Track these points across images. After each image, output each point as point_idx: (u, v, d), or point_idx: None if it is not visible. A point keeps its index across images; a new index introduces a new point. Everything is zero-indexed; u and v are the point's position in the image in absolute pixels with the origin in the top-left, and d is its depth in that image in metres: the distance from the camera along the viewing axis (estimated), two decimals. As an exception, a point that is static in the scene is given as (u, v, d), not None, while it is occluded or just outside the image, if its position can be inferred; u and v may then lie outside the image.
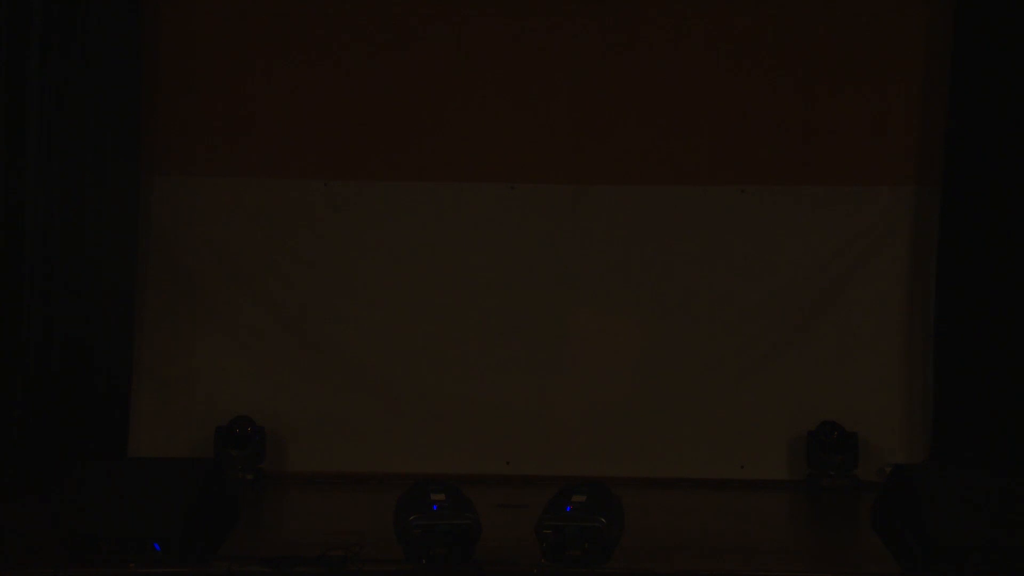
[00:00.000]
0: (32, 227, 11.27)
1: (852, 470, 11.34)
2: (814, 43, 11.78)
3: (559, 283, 11.88)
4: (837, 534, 9.68)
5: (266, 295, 11.84)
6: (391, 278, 11.90)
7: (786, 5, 11.82)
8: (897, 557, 7.57)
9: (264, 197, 11.90)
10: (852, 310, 11.69)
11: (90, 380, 11.30)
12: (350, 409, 11.80)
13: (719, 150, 11.84)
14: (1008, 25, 11.24)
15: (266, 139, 11.89)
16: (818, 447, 11.42)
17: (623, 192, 11.87)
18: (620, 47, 11.87)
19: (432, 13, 11.89)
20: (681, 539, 9.16)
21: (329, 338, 11.85)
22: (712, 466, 11.66)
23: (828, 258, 11.77)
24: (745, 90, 11.81)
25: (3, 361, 11.09)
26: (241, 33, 11.90)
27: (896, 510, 7.58)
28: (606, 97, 11.86)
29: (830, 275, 11.76)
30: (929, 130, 11.69)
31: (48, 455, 10.93)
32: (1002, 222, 11.24)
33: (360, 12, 11.92)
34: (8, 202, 11.24)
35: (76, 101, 11.40)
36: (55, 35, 11.33)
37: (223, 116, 11.89)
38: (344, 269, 11.89)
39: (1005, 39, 11.25)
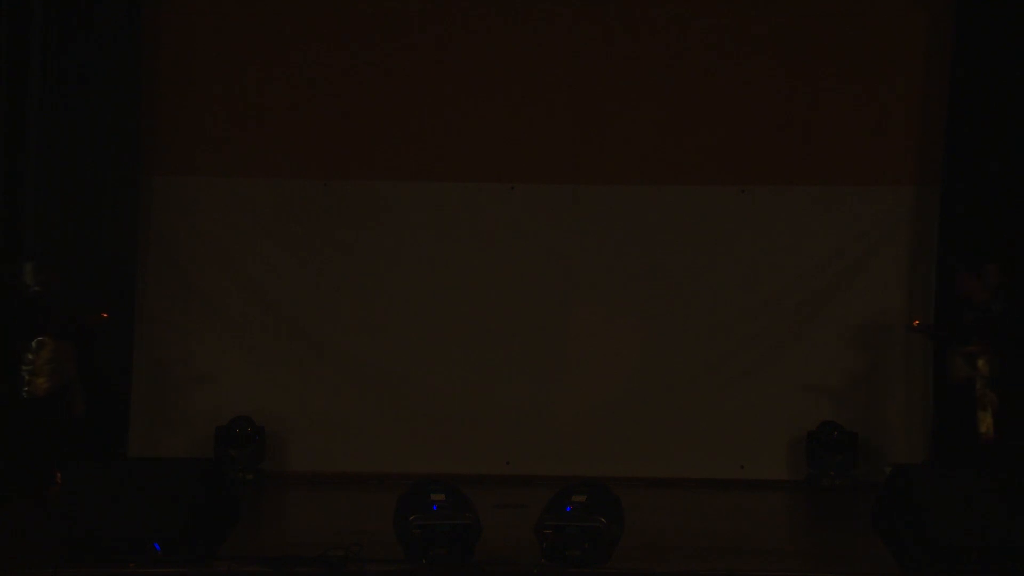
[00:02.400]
0: (32, 227, 11.28)
1: (852, 470, 11.34)
2: (815, 44, 11.80)
3: (559, 283, 11.89)
4: (837, 534, 9.67)
5: (266, 295, 11.85)
6: (391, 278, 11.91)
7: (787, 6, 11.84)
8: (897, 557, 7.57)
9: (264, 197, 11.91)
10: (852, 310, 11.70)
11: (90, 380, 11.28)
12: (350, 409, 11.81)
13: (719, 150, 11.85)
14: (1008, 26, 11.25)
15: (266, 139, 11.91)
16: (818, 447, 11.43)
17: (623, 192, 11.88)
18: (620, 48, 11.87)
19: (432, 14, 11.90)
20: (681, 539, 9.16)
21: (329, 338, 11.86)
22: (712, 466, 11.67)
23: (828, 258, 11.78)
24: (745, 90, 11.83)
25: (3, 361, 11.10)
26: (240, 34, 11.92)
27: (896, 510, 7.58)
28: (606, 97, 11.87)
29: (830, 275, 11.76)
30: (929, 130, 11.71)
31: (48, 456, 10.91)
32: (1002, 222, 11.25)
33: (360, 13, 11.93)
34: (8, 202, 11.25)
35: (76, 102, 11.41)
36: (55, 36, 11.35)
37: (223, 116, 11.91)
38: (344, 269, 11.90)
39: (1005, 40, 11.26)
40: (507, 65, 11.89)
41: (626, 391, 11.83)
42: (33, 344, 10.47)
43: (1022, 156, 11.27)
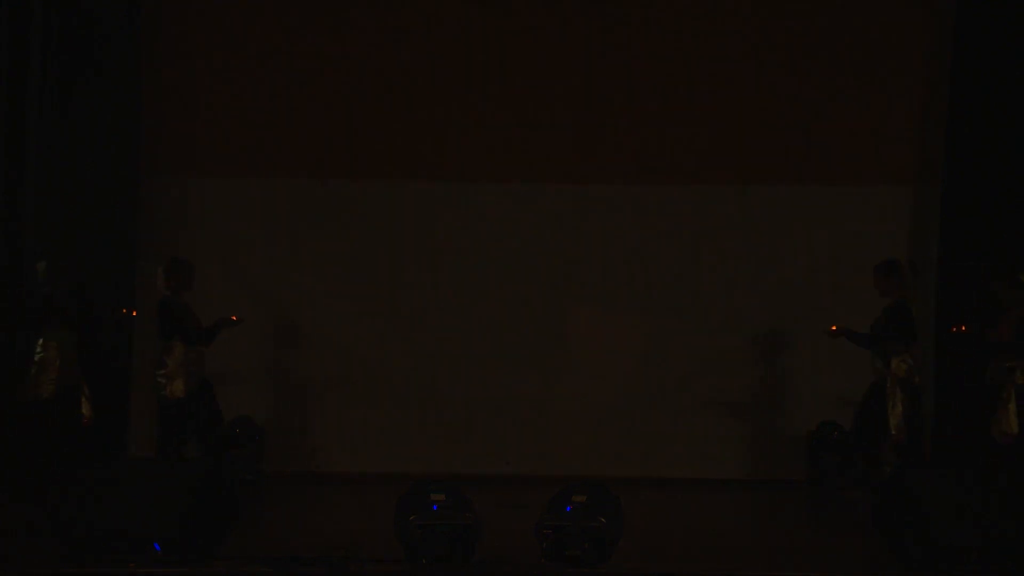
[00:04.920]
0: (32, 227, 11.29)
1: (852, 470, 11.33)
2: (815, 44, 11.81)
3: (559, 283, 11.90)
4: (837, 534, 9.67)
5: (266, 295, 11.85)
6: (390, 278, 11.91)
7: (788, 7, 11.84)
8: (898, 557, 7.57)
9: (264, 197, 11.92)
10: (852, 310, 11.68)
11: (90, 381, 11.28)
12: (350, 409, 11.81)
13: (720, 150, 11.86)
14: (1008, 26, 11.26)
15: (266, 139, 11.92)
16: (818, 447, 11.42)
17: (624, 192, 11.89)
18: (622, 47, 11.88)
19: (434, 15, 11.90)
20: (681, 539, 9.16)
21: (329, 338, 11.86)
22: (712, 466, 11.67)
23: (828, 258, 11.78)
24: (746, 90, 11.83)
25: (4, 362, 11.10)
26: (240, 34, 11.92)
27: (896, 510, 7.58)
28: (607, 97, 11.88)
29: (830, 274, 11.76)
30: (929, 130, 11.71)
31: (48, 456, 10.92)
32: (1002, 222, 11.25)
33: (361, 14, 11.93)
34: (8, 202, 11.26)
35: (76, 102, 11.42)
36: (55, 36, 11.36)
37: (223, 116, 11.91)
38: (343, 269, 11.91)
39: (1005, 40, 11.27)
40: (508, 65, 11.89)
41: (626, 391, 11.84)
42: (163, 348, 10.72)
43: (1022, 156, 11.27)
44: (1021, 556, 7.33)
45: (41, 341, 10.45)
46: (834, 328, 10.82)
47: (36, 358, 10.43)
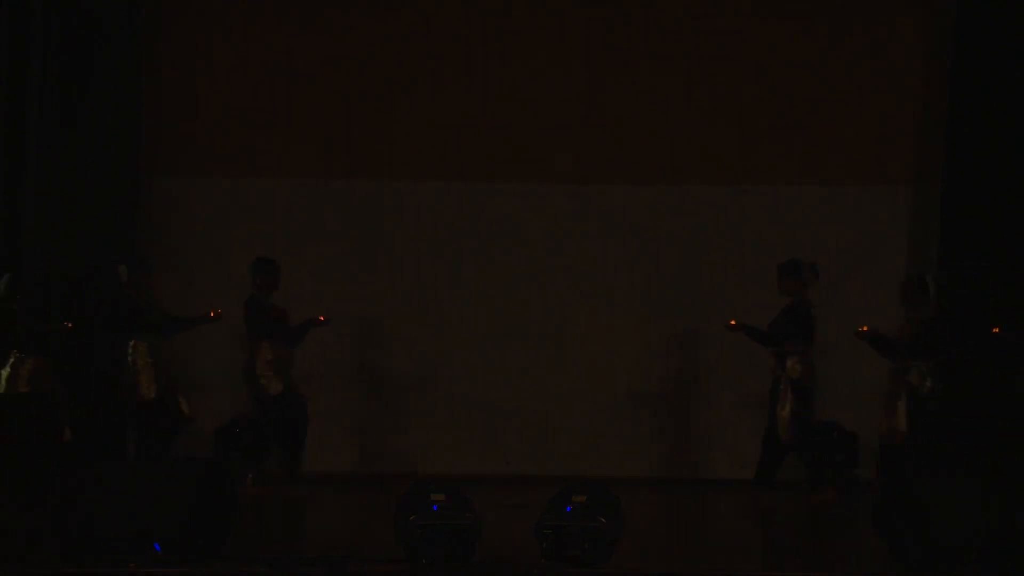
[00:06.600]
0: (32, 228, 11.29)
1: (852, 470, 11.33)
2: (816, 44, 11.81)
3: (559, 283, 11.91)
4: (837, 534, 9.67)
5: (266, 295, 11.85)
6: (390, 278, 11.91)
7: (788, 7, 11.84)
8: (898, 557, 7.56)
9: (264, 197, 11.92)
10: (852, 309, 11.69)
11: (90, 380, 11.28)
12: (350, 409, 11.81)
13: (720, 150, 11.86)
14: (1008, 26, 11.26)
15: (266, 139, 11.92)
16: (818, 447, 11.41)
17: (624, 192, 11.89)
18: (622, 48, 11.89)
19: (434, 16, 11.90)
20: (680, 539, 9.16)
21: (328, 338, 11.84)
22: (712, 466, 11.66)
23: (828, 258, 11.76)
24: (746, 91, 11.84)
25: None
26: (241, 34, 11.93)
27: (896, 510, 7.57)
28: (607, 97, 11.88)
29: (830, 275, 11.74)
30: (929, 130, 11.71)
31: (49, 455, 10.92)
32: (1002, 222, 11.25)
33: (361, 14, 11.93)
34: (8, 203, 11.26)
35: (76, 102, 11.42)
36: (56, 36, 11.36)
37: (223, 116, 11.92)
38: (343, 269, 11.91)
39: (1005, 40, 11.27)
40: (508, 66, 11.89)
41: (626, 391, 11.83)
42: (251, 348, 10.88)
43: (1022, 156, 11.27)
44: (1021, 556, 7.32)
45: (132, 343, 10.68)
46: (732, 323, 10.86)
47: (129, 359, 10.63)
